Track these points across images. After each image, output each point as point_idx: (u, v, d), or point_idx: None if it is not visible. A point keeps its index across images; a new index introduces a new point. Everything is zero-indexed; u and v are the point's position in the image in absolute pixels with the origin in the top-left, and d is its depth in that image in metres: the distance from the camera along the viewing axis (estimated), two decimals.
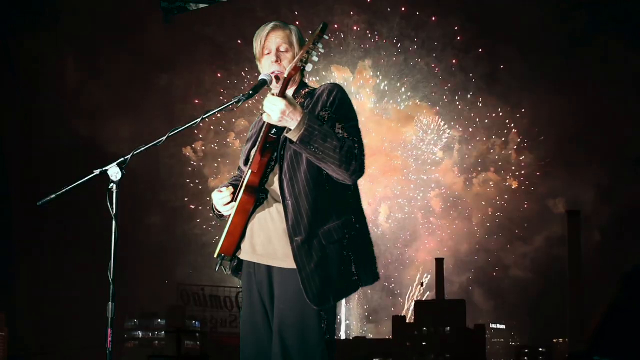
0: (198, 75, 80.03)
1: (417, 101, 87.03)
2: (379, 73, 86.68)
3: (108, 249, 3.57)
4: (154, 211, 76.43)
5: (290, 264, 3.55)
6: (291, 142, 3.43)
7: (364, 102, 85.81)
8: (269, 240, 3.68)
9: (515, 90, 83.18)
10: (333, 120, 3.56)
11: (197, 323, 64.43)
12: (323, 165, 3.47)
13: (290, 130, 3.40)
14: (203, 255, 79.38)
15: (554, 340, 77.12)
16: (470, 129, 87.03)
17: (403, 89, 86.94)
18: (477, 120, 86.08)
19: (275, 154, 3.68)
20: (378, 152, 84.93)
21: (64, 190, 3.62)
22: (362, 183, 3.77)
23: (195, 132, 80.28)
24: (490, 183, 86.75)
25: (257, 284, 3.74)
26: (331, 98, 3.64)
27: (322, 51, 3.39)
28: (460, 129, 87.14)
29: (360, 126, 3.67)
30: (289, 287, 3.58)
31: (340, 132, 3.52)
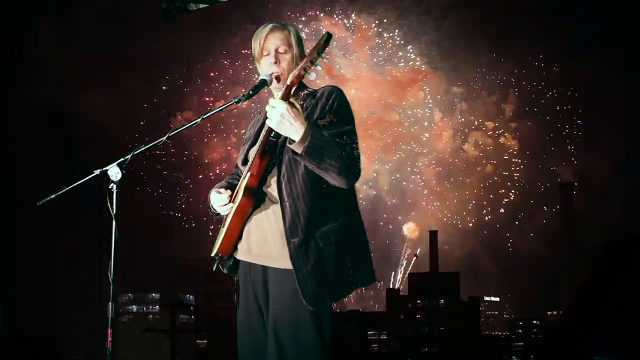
0: (182, 42, 78.62)
1: (418, 63, 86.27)
2: (378, 32, 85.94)
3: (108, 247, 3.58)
4: (147, 185, 76.35)
5: (285, 264, 3.57)
6: (295, 153, 3.44)
7: (361, 63, 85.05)
8: (264, 241, 3.69)
9: (524, 49, 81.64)
10: (332, 124, 3.58)
11: (191, 297, 64.77)
12: (323, 174, 3.50)
13: (294, 141, 3.41)
14: (197, 229, 79.46)
15: (548, 313, 77.39)
16: (475, 94, 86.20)
17: (403, 50, 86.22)
18: (483, 84, 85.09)
19: (274, 156, 3.70)
20: (376, 117, 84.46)
21: (63, 190, 3.62)
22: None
23: (183, 101, 79.61)
24: (490, 148, 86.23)
25: (252, 283, 3.77)
26: (330, 101, 3.66)
27: (327, 61, 3.39)
28: (463, 91, 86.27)
29: (357, 93, 3.71)
30: (284, 287, 3.60)
31: (340, 137, 3.54)
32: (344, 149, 3.48)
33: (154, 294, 66.62)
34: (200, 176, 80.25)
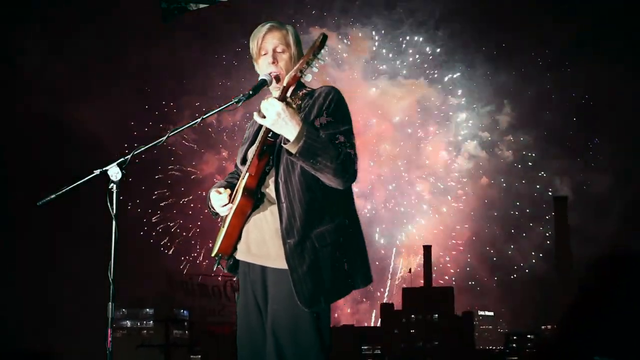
0: (173, 53, 77.80)
1: (412, 74, 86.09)
2: (372, 43, 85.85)
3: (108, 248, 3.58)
4: (140, 199, 76.13)
5: (284, 264, 3.58)
6: (289, 154, 3.46)
7: (354, 74, 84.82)
8: (263, 241, 3.71)
9: (519, 60, 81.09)
10: (329, 124, 3.60)
11: (185, 312, 64.54)
12: (318, 174, 3.51)
13: (288, 141, 3.43)
14: (191, 244, 79.32)
15: (542, 327, 77.21)
16: (470, 106, 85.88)
17: (398, 61, 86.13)
18: (479, 95, 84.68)
19: (272, 157, 3.72)
20: (371, 129, 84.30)
21: (63, 190, 3.62)
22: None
23: (174, 112, 79.20)
24: (486, 160, 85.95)
25: (251, 283, 3.78)
26: (327, 101, 3.67)
27: (323, 62, 3.42)
28: (458, 103, 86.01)
29: (352, 104, 3.71)
30: (282, 287, 3.61)
31: (336, 138, 3.55)
32: (339, 150, 3.50)
33: (147, 309, 66.38)
34: (192, 190, 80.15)
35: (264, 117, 3.46)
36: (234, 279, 3.96)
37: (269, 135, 3.64)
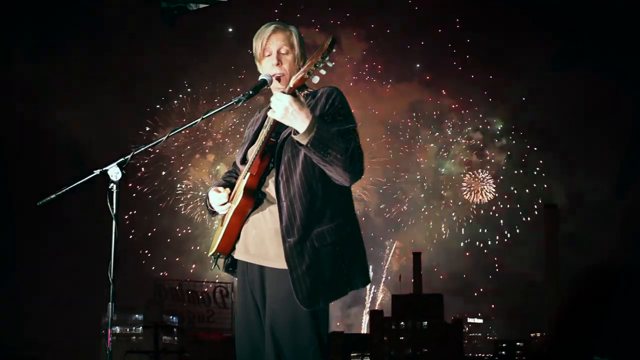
0: (162, 57, 77.27)
1: (405, 77, 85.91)
2: (364, 45, 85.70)
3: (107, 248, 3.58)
4: (130, 205, 75.95)
5: (282, 264, 3.58)
6: (300, 144, 3.45)
7: (346, 76, 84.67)
8: (261, 241, 3.72)
9: (515, 63, 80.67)
10: (335, 121, 3.60)
11: (174, 318, 64.46)
12: (328, 168, 3.51)
13: (298, 132, 3.41)
14: (180, 250, 79.14)
15: (531, 335, 77.31)
16: (464, 110, 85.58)
17: (391, 64, 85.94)
18: (473, 98, 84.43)
19: (273, 157, 3.72)
20: (362, 132, 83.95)
21: (63, 190, 3.61)
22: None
23: (164, 116, 78.79)
24: (479, 165, 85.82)
25: (249, 283, 3.79)
26: (330, 100, 3.68)
27: (330, 65, 3.40)
28: (451, 106, 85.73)
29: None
30: (280, 287, 3.61)
31: (343, 133, 3.55)
32: (348, 144, 3.49)
33: (137, 315, 66.26)
34: (182, 195, 79.97)
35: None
36: (224, 285, 3.97)
37: (272, 136, 3.65)
